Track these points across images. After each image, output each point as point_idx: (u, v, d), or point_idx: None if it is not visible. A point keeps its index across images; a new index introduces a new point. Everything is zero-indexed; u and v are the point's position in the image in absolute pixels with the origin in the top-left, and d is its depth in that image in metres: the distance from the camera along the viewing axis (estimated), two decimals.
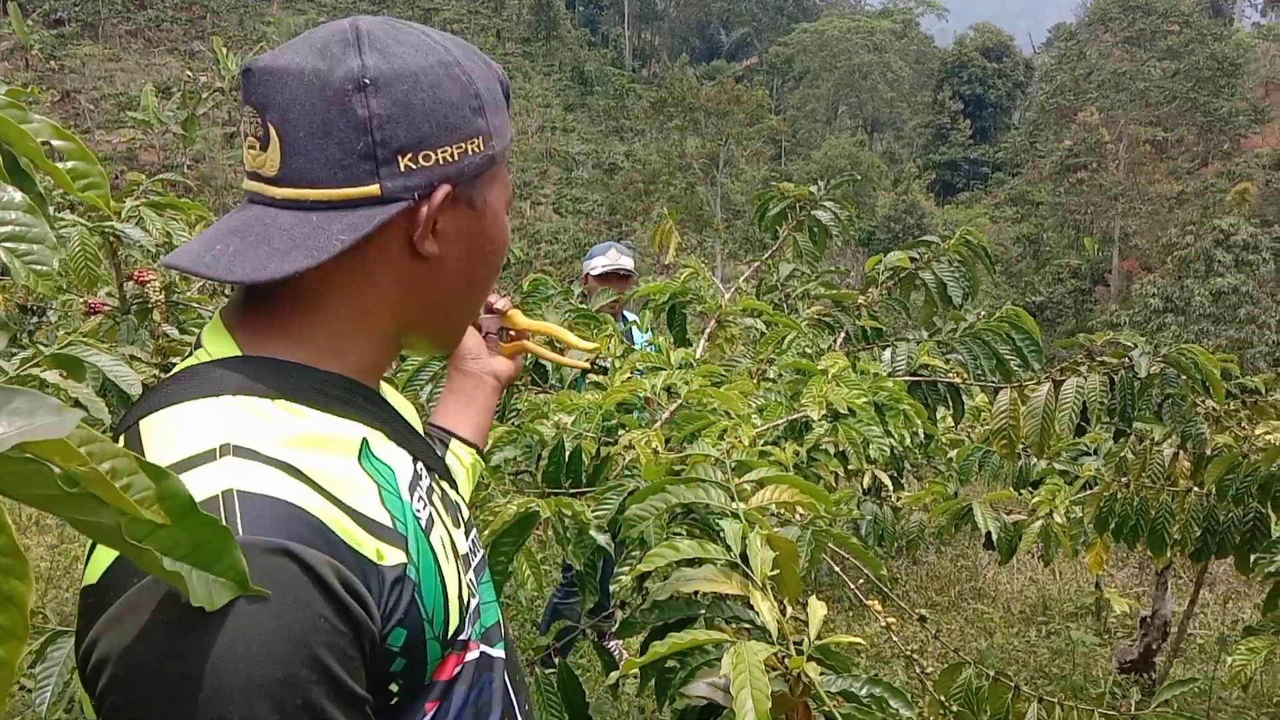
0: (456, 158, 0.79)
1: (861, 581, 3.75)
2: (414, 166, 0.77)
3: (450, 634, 0.78)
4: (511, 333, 1.33)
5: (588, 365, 2.21)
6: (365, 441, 0.77)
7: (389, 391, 0.98)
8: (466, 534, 0.92)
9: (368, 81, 0.75)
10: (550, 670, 1.73)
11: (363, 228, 0.75)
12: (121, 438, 0.72)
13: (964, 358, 2.65)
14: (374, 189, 0.76)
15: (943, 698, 1.80)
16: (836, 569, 2.09)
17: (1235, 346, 30.52)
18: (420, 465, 0.85)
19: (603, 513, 1.66)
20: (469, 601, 0.83)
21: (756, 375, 2.67)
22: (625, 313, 3.82)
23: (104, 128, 42.22)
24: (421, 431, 0.96)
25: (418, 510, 0.78)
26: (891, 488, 4.64)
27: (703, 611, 1.57)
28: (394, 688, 0.73)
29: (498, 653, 0.89)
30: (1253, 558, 2.52)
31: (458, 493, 0.97)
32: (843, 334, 2.99)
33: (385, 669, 0.71)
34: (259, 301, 0.81)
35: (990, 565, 5.81)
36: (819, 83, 67.76)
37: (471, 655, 0.83)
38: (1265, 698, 4.11)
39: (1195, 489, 2.64)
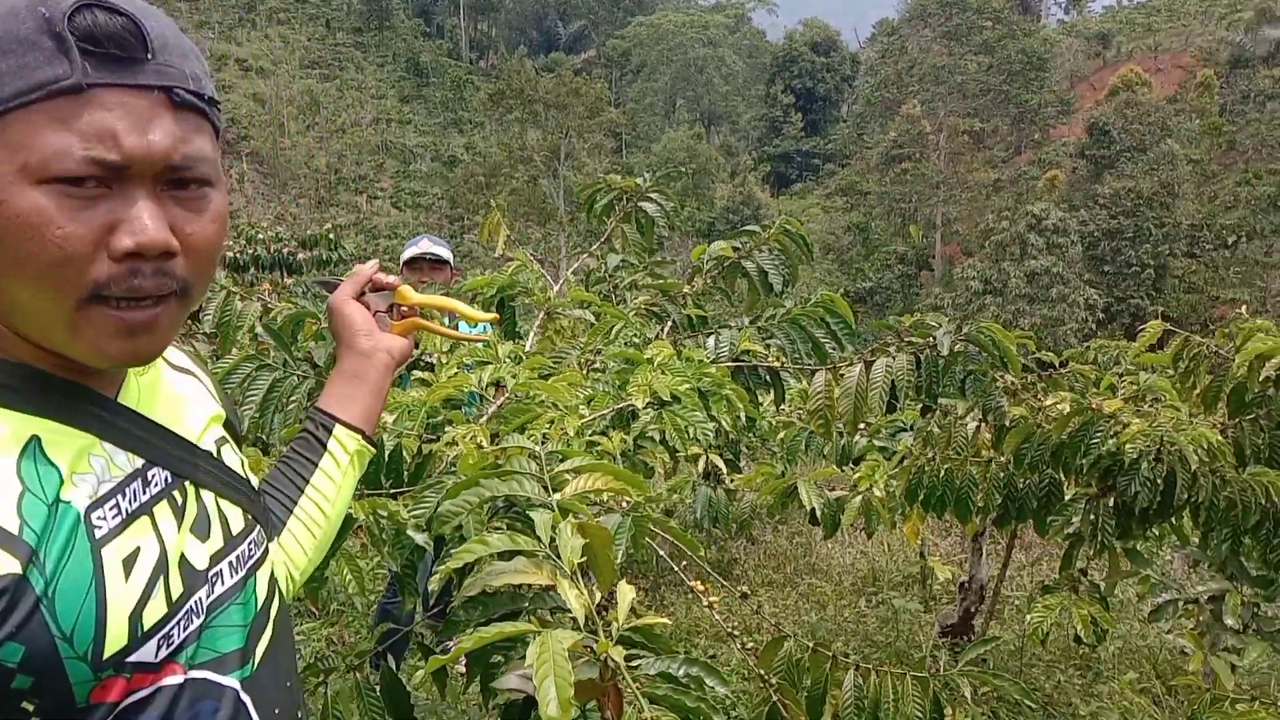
0: None
1: (685, 564, 3.84)
2: None
3: (110, 654, 0.73)
4: (403, 309, 1.29)
5: (486, 339, 2.18)
6: (35, 440, 0.73)
7: (163, 384, 0.91)
8: (227, 550, 0.87)
9: None
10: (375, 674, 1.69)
11: None
12: None
13: (782, 342, 2.74)
14: None
15: (763, 672, 1.86)
16: (661, 553, 2.13)
17: (1048, 324, 32.78)
18: (154, 471, 0.81)
19: (420, 512, 1.64)
20: (174, 621, 0.78)
21: (585, 366, 2.68)
22: None
23: None
24: (194, 433, 0.91)
25: (97, 519, 0.74)
26: (726, 471, 4.77)
27: (526, 604, 1.57)
28: (28, 706, 0.68)
29: (230, 681, 0.84)
30: (1048, 520, 2.72)
31: (235, 501, 0.91)
32: (669, 323, 3.04)
33: (4, 685, 0.67)
34: None
35: (824, 541, 6.04)
36: (656, 76, 68.62)
37: (171, 680, 0.78)
38: (1073, 650, 4.43)
39: (996, 459, 2.83)
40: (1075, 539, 2.70)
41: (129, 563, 0.75)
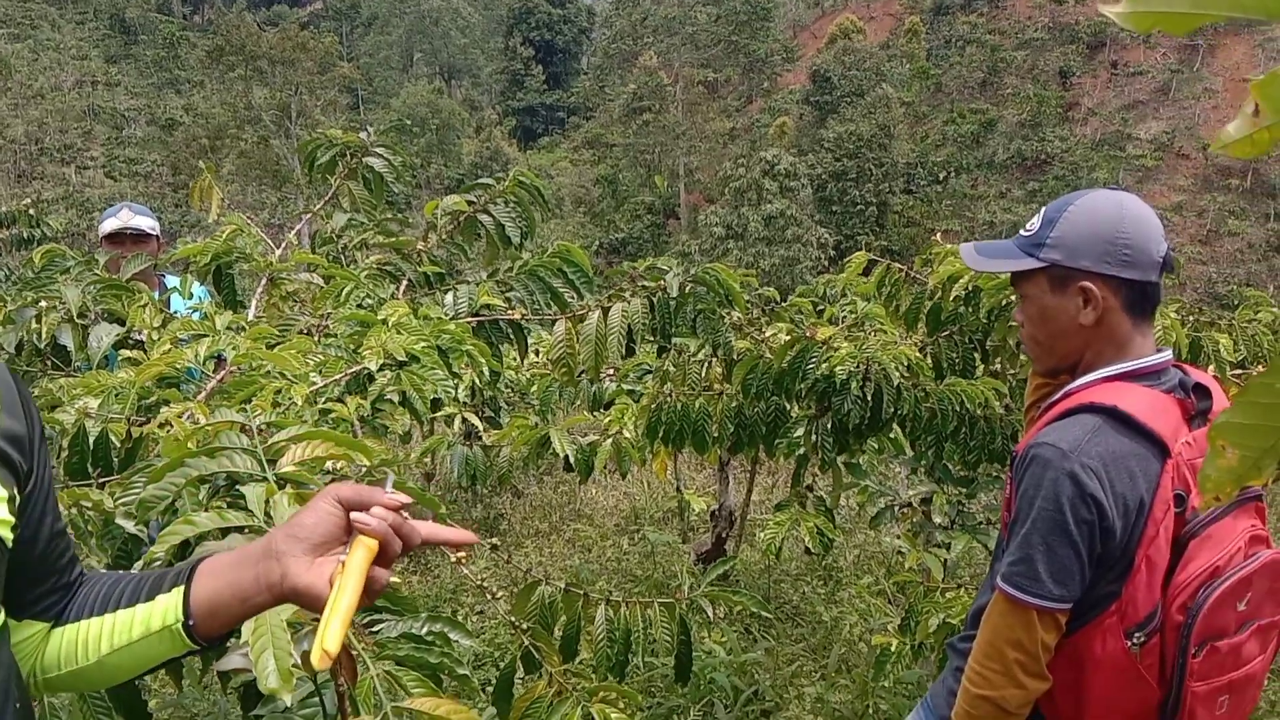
0: None
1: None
2: None
3: None
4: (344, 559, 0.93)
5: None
6: None
7: None
8: None
9: None
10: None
11: None
12: None
13: (521, 294, 2.76)
14: None
15: (515, 619, 1.88)
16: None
17: (786, 263, 34.79)
18: None
19: (129, 499, 1.52)
20: None
21: (317, 332, 2.58)
22: (165, 279, 3.50)
23: None
24: None
25: None
26: (485, 428, 4.75)
27: None
28: None
29: None
30: (775, 444, 2.90)
31: None
32: (405, 282, 2.97)
33: None
34: None
35: (589, 487, 6.17)
36: (390, 29, 66.22)
37: None
38: (816, 562, 4.78)
39: (727, 390, 2.98)
40: (802, 459, 2.90)
41: None
